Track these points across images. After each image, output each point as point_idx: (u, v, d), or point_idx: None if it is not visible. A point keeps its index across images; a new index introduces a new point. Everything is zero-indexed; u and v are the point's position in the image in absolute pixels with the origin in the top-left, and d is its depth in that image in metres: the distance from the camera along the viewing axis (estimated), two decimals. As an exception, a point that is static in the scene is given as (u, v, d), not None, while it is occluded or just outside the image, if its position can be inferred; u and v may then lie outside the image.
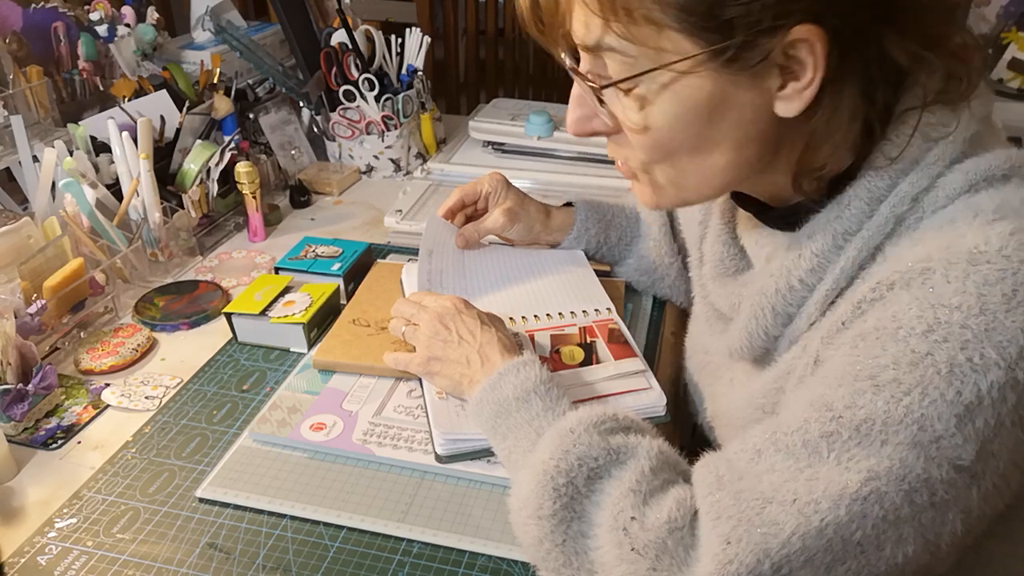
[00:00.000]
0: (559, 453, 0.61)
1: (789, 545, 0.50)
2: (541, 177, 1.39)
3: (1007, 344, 0.48)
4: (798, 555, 0.50)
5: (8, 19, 1.24)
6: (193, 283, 1.10)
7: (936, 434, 0.48)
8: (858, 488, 0.49)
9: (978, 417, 0.48)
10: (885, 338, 0.51)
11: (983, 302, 0.49)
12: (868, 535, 0.49)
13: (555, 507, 0.59)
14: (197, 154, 1.21)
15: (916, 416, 0.49)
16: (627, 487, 0.58)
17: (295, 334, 0.95)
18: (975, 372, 0.48)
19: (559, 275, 1.00)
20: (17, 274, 0.93)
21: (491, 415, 0.71)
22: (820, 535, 0.49)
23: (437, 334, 0.80)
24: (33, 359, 0.86)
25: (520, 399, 0.70)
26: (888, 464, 0.49)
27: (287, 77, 1.43)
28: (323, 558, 0.69)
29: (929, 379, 0.49)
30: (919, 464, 0.48)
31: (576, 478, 0.59)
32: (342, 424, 0.82)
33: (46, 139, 1.17)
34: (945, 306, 0.49)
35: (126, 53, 1.39)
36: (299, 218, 1.32)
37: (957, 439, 0.48)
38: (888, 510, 0.49)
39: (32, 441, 0.83)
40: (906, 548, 0.50)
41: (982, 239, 0.51)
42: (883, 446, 0.49)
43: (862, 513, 0.49)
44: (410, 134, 1.44)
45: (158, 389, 0.90)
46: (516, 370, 0.72)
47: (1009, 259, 0.49)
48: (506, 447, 0.70)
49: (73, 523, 0.73)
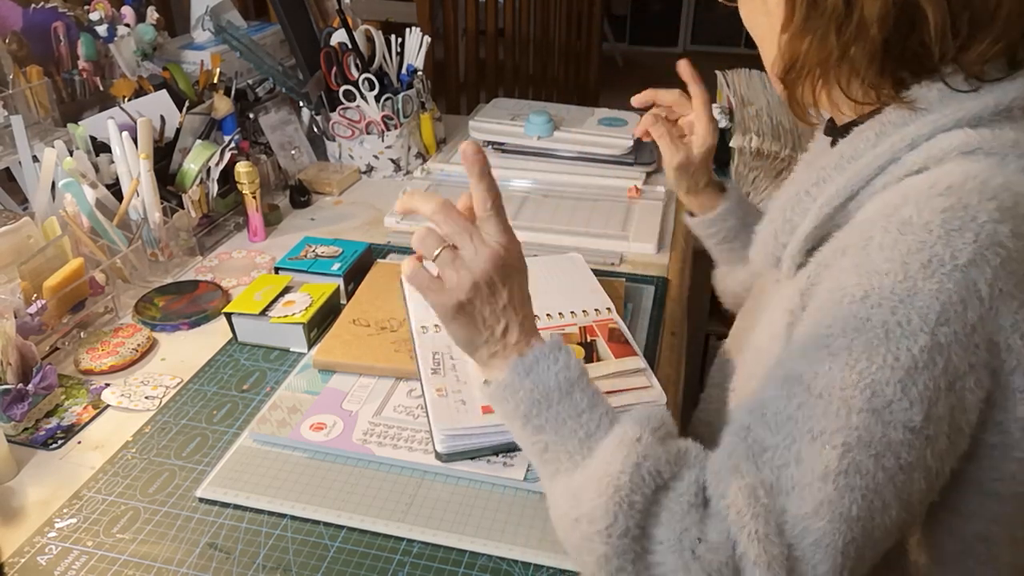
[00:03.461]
0: (630, 466, 0.57)
1: (806, 534, 0.52)
2: (541, 177, 1.39)
3: (926, 309, 0.51)
4: (816, 542, 0.52)
5: (8, 19, 1.24)
6: (193, 283, 1.10)
7: (887, 399, 0.52)
8: (838, 463, 0.52)
9: (918, 380, 0.51)
10: (832, 305, 0.55)
11: (906, 269, 0.52)
12: (861, 507, 0.52)
13: (627, 525, 0.56)
14: (197, 154, 1.21)
15: (868, 381, 0.52)
16: (687, 502, 0.56)
17: (295, 334, 0.95)
18: (906, 337, 0.51)
19: (559, 276, 1.00)
20: (17, 274, 0.93)
21: (526, 402, 0.63)
22: (824, 516, 0.52)
23: (490, 285, 0.63)
24: (33, 359, 0.86)
25: (563, 391, 0.62)
26: (856, 434, 0.52)
27: (287, 77, 1.43)
28: (323, 558, 0.69)
29: (873, 344, 0.52)
30: (879, 429, 0.52)
31: (646, 493, 0.57)
32: (342, 424, 0.82)
33: (46, 139, 1.17)
34: (877, 272, 0.53)
35: (126, 53, 1.39)
36: (299, 218, 1.32)
37: (904, 403, 0.51)
38: (867, 479, 0.52)
39: (32, 441, 0.83)
40: (890, 512, 0.53)
41: (916, 211, 0.54)
42: (849, 415, 0.52)
43: (848, 486, 0.52)
44: (410, 134, 1.44)
45: (158, 389, 0.90)
46: (555, 356, 0.63)
47: (931, 232, 0.52)
48: (540, 440, 0.63)
49: (73, 523, 0.73)
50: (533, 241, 1.20)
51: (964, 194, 0.53)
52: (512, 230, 0.66)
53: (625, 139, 1.39)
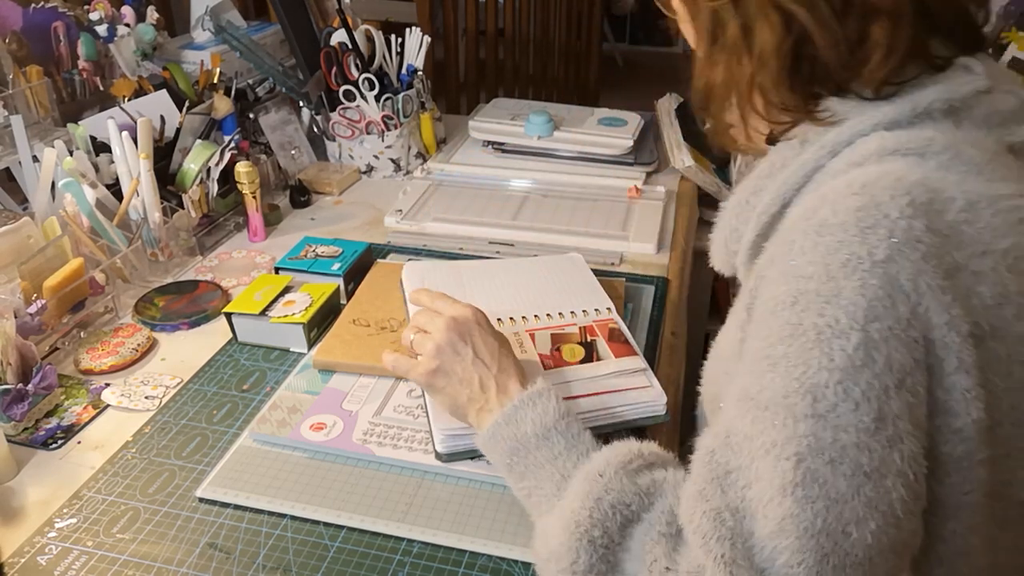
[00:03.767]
0: (591, 502, 0.57)
1: (776, 555, 0.50)
2: (541, 177, 1.39)
3: (853, 307, 0.50)
4: (786, 563, 0.49)
5: (8, 19, 1.24)
6: (193, 283, 1.10)
7: (831, 402, 0.50)
8: (793, 474, 0.50)
9: (859, 379, 0.50)
10: (768, 317, 0.54)
11: (828, 270, 0.52)
12: (827, 520, 0.49)
13: (591, 560, 0.56)
14: (197, 154, 1.21)
15: (808, 387, 0.50)
16: (657, 531, 0.56)
17: (295, 334, 0.95)
18: (837, 337, 0.50)
19: (559, 276, 1.00)
20: (17, 274, 0.93)
21: (507, 451, 0.67)
22: (789, 535, 0.50)
23: (452, 344, 0.72)
24: (33, 359, 0.86)
25: (540, 436, 0.65)
26: (806, 442, 0.50)
27: (287, 77, 1.43)
28: (323, 558, 0.69)
29: (807, 348, 0.51)
30: (828, 434, 0.50)
31: (610, 528, 0.57)
32: (342, 424, 0.82)
33: (46, 139, 1.17)
34: (802, 276, 0.53)
35: (126, 53, 1.39)
36: (299, 218, 1.32)
37: (849, 404, 0.50)
38: (827, 488, 0.49)
39: (32, 441, 0.83)
40: (868, 525, 0.50)
41: (831, 211, 0.53)
42: (796, 424, 0.50)
43: (807, 498, 0.50)
44: (410, 134, 1.44)
45: (158, 389, 0.90)
46: (533, 402, 0.67)
47: (847, 231, 0.52)
48: (525, 487, 0.66)
49: (73, 523, 0.73)
50: (533, 241, 1.20)
51: (877, 192, 0.53)
52: (462, 302, 0.77)
53: (625, 139, 1.39)
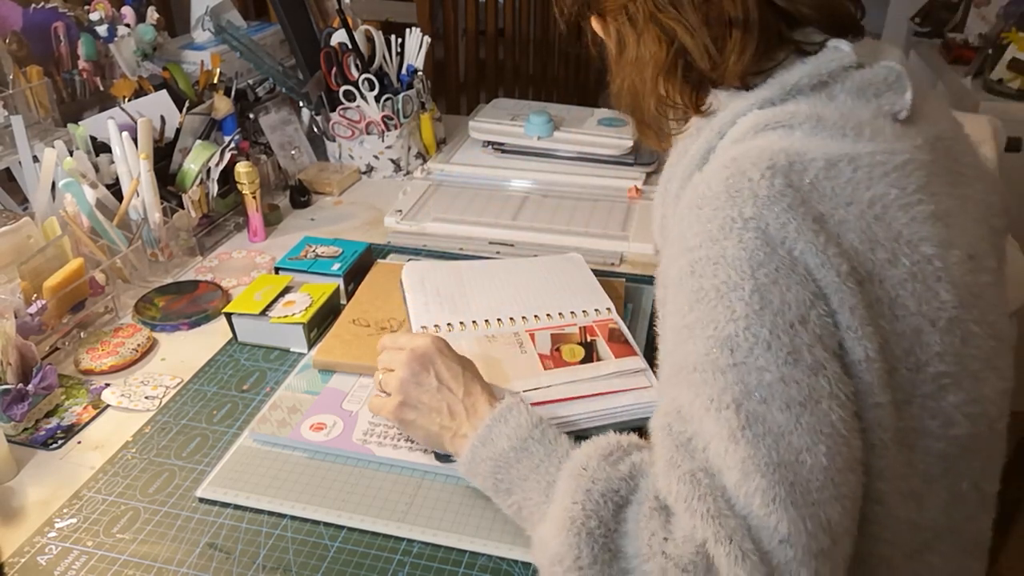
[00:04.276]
0: (581, 495, 0.58)
1: (751, 499, 0.52)
2: (541, 177, 1.39)
3: (738, 261, 0.56)
4: (763, 504, 0.51)
5: (8, 19, 1.24)
6: (193, 283, 1.10)
7: (745, 349, 0.54)
8: (737, 420, 0.53)
9: (764, 321, 0.54)
10: (676, 292, 0.60)
11: (710, 235, 0.58)
12: (780, 452, 0.52)
13: (594, 552, 0.56)
14: (197, 154, 1.21)
15: (722, 340, 0.55)
16: (648, 508, 0.56)
17: (295, 334, 0.95)
18: (732, 291, 0.55)
19: (559, 276, 1.00)
20: (17, 274, 0.93)
21: (489, 471, 0.67)
22: (753, 475, 0.52)
23: (414, 375, 0.74)
24: (33, 359, 0.86)
25: (518, 448, 0.66)
26: (737, 388, 0.54)
27: (287, 77, 1.43)
28: (323, 558, 0.69)
29: (712, 308, 0.56)
30: (753, 377, 0.54)
31: (604, 516, 0.57)
32: (342, 424, 0.82)
33: (46, 139, 1.17)
34: (692, 248, 0.59)
35: (126, 53, 1.39)
36: (299, 218, 1.32)
37: (761, 346, 0.54)
38: (770, 424, 0.53)
39: (32, 441, 0.83)
40: (819, 448, 0.53)
41: (707, 186, 0.60)
42: (724, 375, 0.54)
43: (756, 436, 0.53)
44: (410, 134, 1.44)
45: (158, 389, 0.90)
46: (504, 418, 0.68)
47: (719, 199, 0.58)
48: (514, 502, 0.66)
49: (73, 523, 0.73)
50: (533, 241, 1.20)
51: (742, 163, 0.59)
52: (421, 334, 0.78)
53: (625, 139, 1.39)
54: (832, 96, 0.63)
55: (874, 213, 0.58)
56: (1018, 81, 1.94)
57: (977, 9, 2.23)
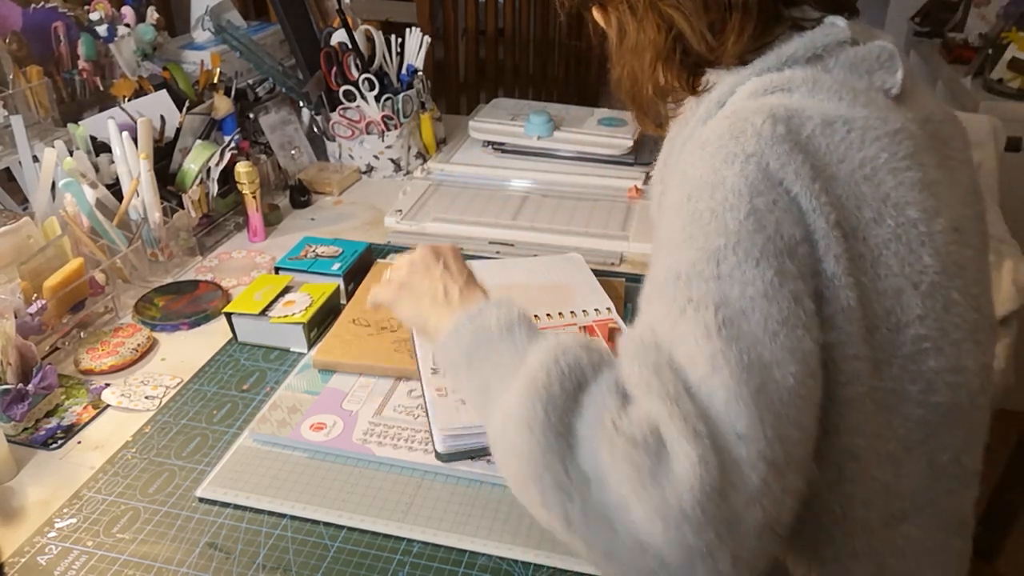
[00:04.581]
0: (549, 361, 0.58)
1: (713, 393, 0.53)
2: (541, 177, 1.39)
3: (737, 186, 0.58)
4: (725, 400, 0.52)
5: (8, 19, 1.24)
6: (193, 283, 1.10)
7: (732, 263, 0.56)
8: (714, 320, 0.55)
9: (755, 241, 0.57)
10: (671, 218, 0.62)
11: (712, 165, 0.61)
12: (751, 356, 0.53)
13: (549, 419, 0.55)
14: (197, 154, 1.21)
15: (711, 252, 0.57)
16: (607, 388, 0.57)
17: (295, 334, 0.95)
18: (728, 211, 0.58)
19: (559, 276, 1.00)
20: (17, 274, 0.93)
21: (468, 344, 0.66)
22: (722, 370, 0.53)
23: (424, 260, 0.76)
24: (33, 359, 0.86)
25: (503, 329, 0.66)
26: (719, 296, 0.56)
27: (287, 77, 1.43)
28: (323, 558, 0.69)
29: (705, 224, 0.58)
30: (735, 290, 0.56)
31: (567, 387, 0.57)
32: (342, 424, 0.82)
33: (46, 139, 1.17)
34: (692, 177, 0.62)
35: (126, 53, 1.39)
36: (299, 218, 1.32)
37: (750, 263, 0.56)
38: (745, 331, 0.54)
39: (32, 441, 0.83)
40: (790, 367, 0.54)
41: (710, 132, 0.63)
42: (707, 284, 0.56)
43: (731, 337, 0.54)
44: (410, 134, 1.44)
45: (158, 389, 0.90)
46: (498, 305, 0.68)
47: (722, 138, 0.61)
48: (483, 379, 0.64)
49: (73, 523, 0.73)
50: (533, 241, 1.20)
51: (744, 112, 0.62)
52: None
53: (625, 139, 1.39)
54: (827, 68, 0.65)
55: (864, 173, 0.60)
56: (1018, 81, 1.94)
57: (977, 9, 2.23)
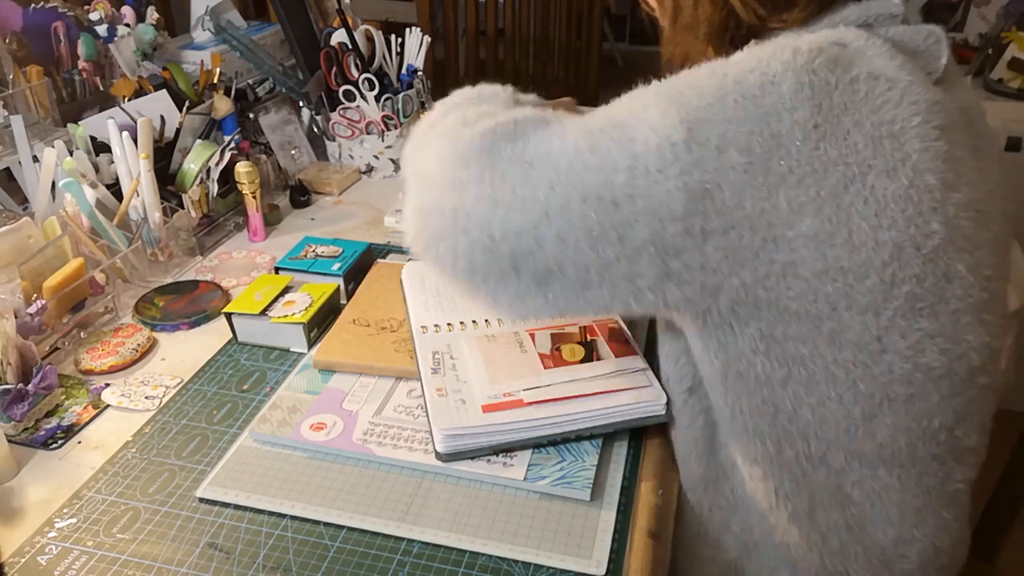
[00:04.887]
0: (475, 91, 0.75)
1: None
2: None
3: (729, 82, 0.61)
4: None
5: (8, 19, 1.24)
6: (193, 283, 1.10)
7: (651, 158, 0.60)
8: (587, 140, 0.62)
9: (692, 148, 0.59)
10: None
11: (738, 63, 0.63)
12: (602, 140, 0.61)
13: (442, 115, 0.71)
14: (197, 154, 1.21)
15: (667, 92, 0.62)
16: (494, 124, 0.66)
17: (295, 334, 0.95)
18: (707, 78, 0.62)
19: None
20: (17, 274, 0.93)
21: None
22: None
23: None
24: (33, 359, 0.86)
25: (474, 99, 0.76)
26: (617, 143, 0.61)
27: (287, 77, 1.43)
28: (323, 558, 0.69)
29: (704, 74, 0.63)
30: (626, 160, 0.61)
31: (471, 97, 0.74)
32: (342, 424, 0.82)
33: (46, 139, 1.17)
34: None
35: (126, 53, 1.39)
36: (299, 218, 1.32)
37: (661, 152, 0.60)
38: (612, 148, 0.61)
39: (32, 441, 0.83)
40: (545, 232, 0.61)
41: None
42: (618, 131, 0.62)
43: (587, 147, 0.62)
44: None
45: (158, 389, 0.90)
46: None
47: (759, 72, 0.61)
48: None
49: (73, 523, 0.73)
50: (533, 241, 1.20)
51: (793, 43, 0.62)
52: None
53: (625, 139, 1.39)
54: (876, 36, 0.65)
55: (891, 130, 0.60)
56: (1018, 81, 1.94)
57: (977, 9, 2.23)
